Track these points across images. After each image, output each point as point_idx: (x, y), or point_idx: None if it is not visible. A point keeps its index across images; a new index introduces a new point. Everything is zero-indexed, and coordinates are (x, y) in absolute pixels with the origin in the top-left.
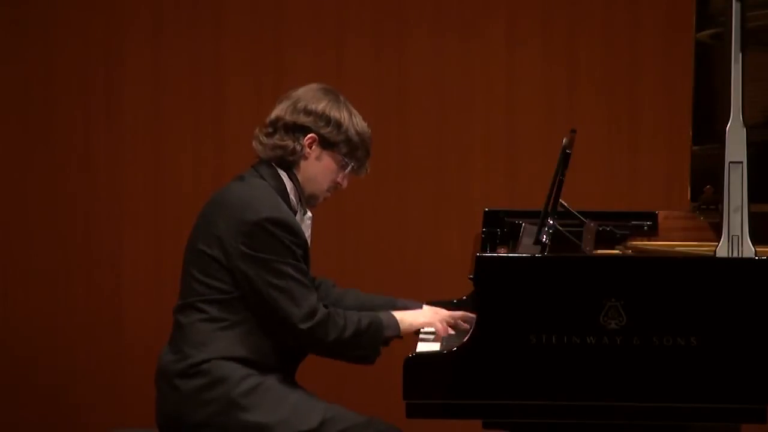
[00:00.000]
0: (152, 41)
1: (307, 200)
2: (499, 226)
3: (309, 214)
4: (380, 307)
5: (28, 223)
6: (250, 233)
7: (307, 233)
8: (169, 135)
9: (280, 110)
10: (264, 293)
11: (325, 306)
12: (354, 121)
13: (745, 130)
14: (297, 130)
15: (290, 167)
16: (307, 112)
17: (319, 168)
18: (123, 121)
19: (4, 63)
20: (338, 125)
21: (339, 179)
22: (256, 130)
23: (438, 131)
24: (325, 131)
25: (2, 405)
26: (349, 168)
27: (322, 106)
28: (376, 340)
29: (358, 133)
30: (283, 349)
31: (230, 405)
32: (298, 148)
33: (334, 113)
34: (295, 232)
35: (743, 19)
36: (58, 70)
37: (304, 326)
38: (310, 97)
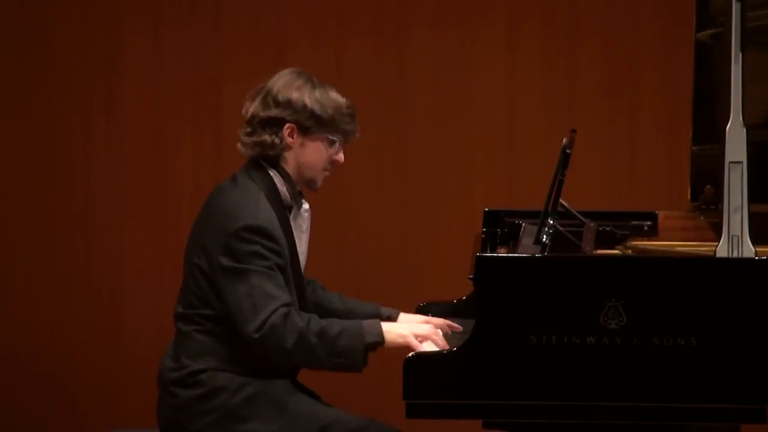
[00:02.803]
0: (152, 41)
1: (307, 184)
2: (499, 226)
3: (306, 206)
4: (363, 313)
5: (28, 224)
6: (228, 244)
7: (305, 225)
8: (169, 135)
9: (254, 107)
10: (229, 301)
11: (286, 307)
12: (324, 97)
13: (745, 130)
14: (273, 123)
15: (276, 161)
16: (277, 104)
17: (308, 153)
18: (123, 121)
19: (4, 63)
20: (310, 109)
21: (334, 156)
22: (239, 131)
23: (438, 131)
24: (300, 117)
25: (2, 405)
26: (337, 143)
27: (290, 93)
28: (356, 347)
29: (332, 108)
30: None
31: (229, 415)
32: (278, 141)
33: (303, 97)
34: (272, 238)
35: (743, 19)
36: (58, 71)
37: (257, 335)
38: (279, 86)
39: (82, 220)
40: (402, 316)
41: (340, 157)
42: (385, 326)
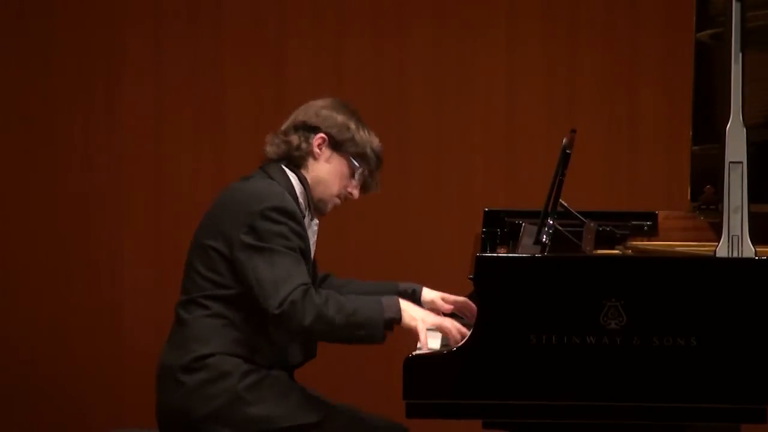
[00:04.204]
0: (152, 41)
1: (316, 206)
2: (499, 226)
3: (316, 221)
4: (382, 291)
5: (29, 223)
6: (253, 223)
7: (313, 240)
8: (169, 135)
9: (294, 116)
10: (250, 278)
11: (306, 285)
12: (363, 132)
13: (745, 130)
14: (307, 129)
15: (298, 165)
16: (318, 115)
17: (329, 170)
18: (123, 121)
19: (4, 63)
20: (347, 127)
21: (350, 187)
22: (268, 137)
23: (438, 131)
24: (334, 131)
25: (2, 405)
26: (359, 173)
27: (333, 111)
28: (375, 319)
29: (367, 141)
30: (285, 347)
31: (235, 399)
32: (305, 145)
33: (344, 118)
34: (296, 219)
35: (743, 19)
36: (58, 70)
37: (278, 310)
38: (325, 104)
39: (82, 220)
40: (425, 291)
41: (356, 192)
42: (403, 304)
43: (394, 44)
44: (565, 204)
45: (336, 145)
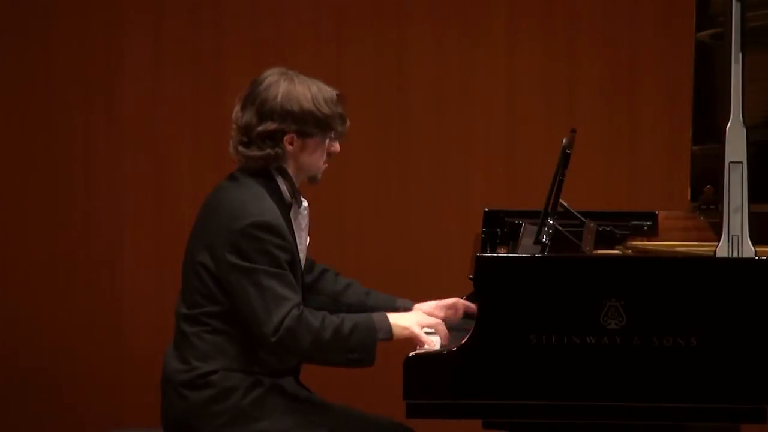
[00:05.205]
0: (152, 41)
1: (310, 181)
2: (499, 226)
3: (305, 204)
4: (379, 306)
5: (29, 223)
6: (236, 242)
7: (304, 223)
8: (169, 135)
9: (248, 117)
10: (241, 302)
11: (299, 308)
12: (317, 97)
13: (745, 130)
14: (273, 136)
15: (278, 163)
16: (274, 117)
17: (308, 155)
18: (123, 121)
19: (4, 63)
20: (306, 115)
21: (331, 150)
22: (233, 134)
23: (438, 131)
24: (299, 125)
25: (2, 405)
26: (333, 137)
27: (287, 103)
28: (368, 343)
29: (327, 107)
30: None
31: (240, 415)
32: (280, 152)
33: (300, 104)
34: (280, 234)
35: (743, 19)
36: (58, 70)
37: (274, 338)
38: (273, 95)
39: (82, 220)
40: (417, 306)
41: (336, 147)
42: (392, 319)
43: (394, 44)
44: (565, 204)
45: (305, 134)
